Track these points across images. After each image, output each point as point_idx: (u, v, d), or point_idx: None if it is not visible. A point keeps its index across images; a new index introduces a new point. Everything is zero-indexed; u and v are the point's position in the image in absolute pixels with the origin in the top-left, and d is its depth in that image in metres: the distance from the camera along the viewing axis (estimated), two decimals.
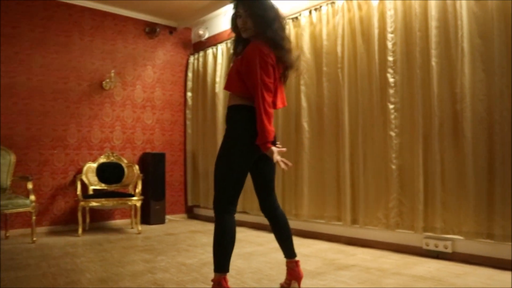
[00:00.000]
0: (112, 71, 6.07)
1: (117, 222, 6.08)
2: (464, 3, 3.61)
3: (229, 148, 2.51)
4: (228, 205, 2.47)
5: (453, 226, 3.67)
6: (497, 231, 3.41)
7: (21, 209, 4.63)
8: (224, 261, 2.45)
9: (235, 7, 2.59)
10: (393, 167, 4.04)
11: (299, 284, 2.78)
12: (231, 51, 2.79)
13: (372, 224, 4.25)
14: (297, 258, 2.79)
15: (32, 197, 4.69)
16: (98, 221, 5.89)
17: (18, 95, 5.37)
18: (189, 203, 6.78)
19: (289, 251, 2.77)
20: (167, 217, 6.42)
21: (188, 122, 6.85)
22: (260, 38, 2.50)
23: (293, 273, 2.77)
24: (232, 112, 2.60)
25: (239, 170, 2.49)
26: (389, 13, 4.13)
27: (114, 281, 3.09)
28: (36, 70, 5.53)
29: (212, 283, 2.46)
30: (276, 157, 2.38)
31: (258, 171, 2.69)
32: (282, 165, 2.38)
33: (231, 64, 2.66)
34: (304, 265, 3.44)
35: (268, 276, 3.16)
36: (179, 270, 3.42)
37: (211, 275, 3.05)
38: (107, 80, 6.02)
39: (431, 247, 3.79)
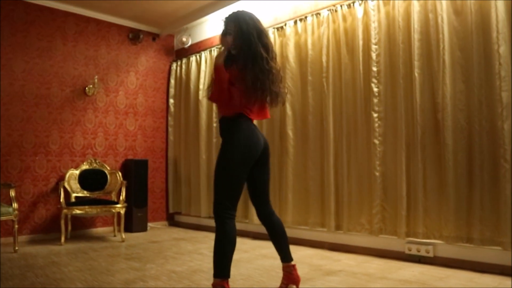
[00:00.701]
0: (96, 76, 6.04)
1: (99, 230, 6.03)
2: (445, 17, 3.77)
3: (228, 156, 2.57)
4: (228, 211, 2.52)
5: (434, 231, 3.81)
6: (476, 235, 3.56)
7: (3, 218, 4.55)
8: (225, 266, 2.49)
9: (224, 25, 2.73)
10: (377, 174, 4.17)
11: (297, 287, 2.85)
12: (223, 61, 2.80)
13: (356, 230, 4.36)
14: (293, 262, 2.85)
15: (15, 205, 4.62)
16: (79, 229, 5.82)
17: None
18: (171, 210, 6.77)
19: (286, 255, 2.84)
20: (149, 224, 6.40)
21: (170, 129, 6.85)
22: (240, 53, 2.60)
23: (291, 277, 2.84)
24: (226, 122, 2.66)
25: (238, 176, 2.56)
26: (373, 25, 4.27)
27: None
28: (18, 75, 5.45)
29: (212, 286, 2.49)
30: None
31: (253, 179, 2.75)
32: None
33: (217, 75, 2.69)
34: None
35: (259, 282, 3.22)
36: (170, 277, 3.44)
37: (203, 282, 3.11)
38: (90, 86, 5.98)
39: (413, 252, 3.92)
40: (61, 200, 5.19)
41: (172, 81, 6.87)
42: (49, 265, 3.97)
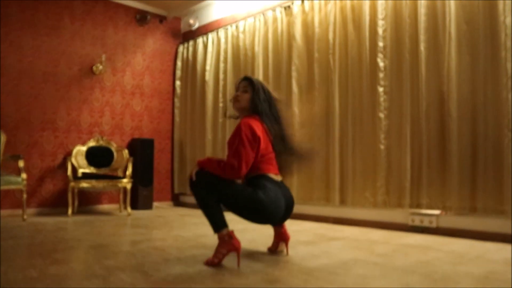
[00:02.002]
0: (103, 55, 6.10)
1: (105, 206, 6.09)
2: None
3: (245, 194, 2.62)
4: (200, 181, 2.61)
5: (438, 202, 3.86)
6: (480, 205, 3.61)
7: (12, 186, 4.62)
8: (218, 220, 2.58)
9: (236, 87, 2.89)
10: (382, 147, 4.22)
11: (286, 244, 2.94)
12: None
13: (360, 203, 4.41)
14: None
15: (24, 175, 4.69)
16: (86, 204, 5.89)
17: (8, 76, 5.36)
18: (176, 191, 6.83)
19: None
20: (154, 203, 6.47)
21: (176, 111, 6.91)
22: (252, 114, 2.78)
23: (280, 235, 2.94)
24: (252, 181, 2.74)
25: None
26: (380, 1, 4.31)
27: (114, 246, 3.16)
28: (26, 52, 5.52)
29: (218, 239, 2.56)
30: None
31: None
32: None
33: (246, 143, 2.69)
34: (297, 237, 3.58)
35: (263, 244, 3.27)
36: (176, 240, 3.50)
37: (210, 243, 3.17)
38: (98, 64, 6.04)
39: (417, 223, 3.97)
40: (69, 173, 5.26)
41: (179, 63, 6.93)
42: (58, 230, 4.04)
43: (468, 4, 3.76)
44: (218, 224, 2.58)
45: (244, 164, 2.56)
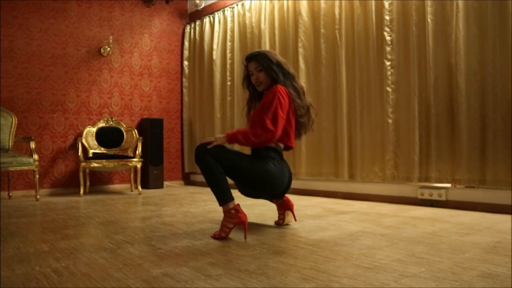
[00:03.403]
0: (110, 37, 6.11)
1: (116, 186, 6.18)
2: None
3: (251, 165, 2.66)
4: (208, 151, 2.60)
5: (447, 174, 3.84)
6: (489, 177, 3.58)
7: (25, 167, 4.70)
8: (224, 193, 2.58)
9: (245, 68, 2.89)
10: (390, 121, 4.19)
11: (292, 211, 3.00)
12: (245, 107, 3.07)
13: (369, 178, 4.40)
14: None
15: (36, 156, 4.77)
16: (97, 184, 5.98)
17: (18, 59, 5.40)
18: (186, 170, 6.89)
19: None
20: (165, 183, 6.54)
21: (184, 90, 6.92)
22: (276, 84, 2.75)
23: (284, 204, 3.00)
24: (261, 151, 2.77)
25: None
26: None
27: (124, 222, 3.21)
28: (34, 35, 5.55)
29: (224, 212, 2.59)
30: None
31: None
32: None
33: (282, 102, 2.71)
34: (305, 211, 3.61)
35: (271, 218, 3.30)
36: (185, 215, 3.54)
37: (218, 217, 3.21)
38: (105, 46, 6.06)
39: (426, 196, 3.97)
40: (79, 154, 5.32)
41: (186, 43, 6.91)
42: (69, 208, 4.12)
43: None
44: (225, 197, 2.58)
45: (281, 129, 2.65)
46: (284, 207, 2.99)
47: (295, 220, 3.01)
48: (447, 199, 3.85)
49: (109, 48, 6.07)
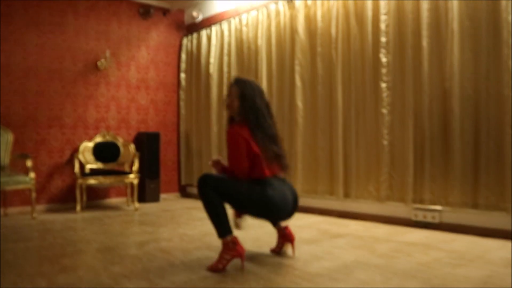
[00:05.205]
0: (107, 51, 6.13)
1: (113, 200, 6.19)
2: None
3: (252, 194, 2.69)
4: (211, 183, 2.67)
5: (441, 197, 3.89)
6: (482, 201, 3.64)
7: (21, 186, 4.71)
8: (223, 226, 2.64)
9: (228, 88, 2.93)
10: (385, 142, 4.23)
11: (292, 245, 3.00)
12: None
13: (364, 197, 4.45)
14: (284, 224, 3.05)
15: (32, 175, 4.78)
16: (94, 199, 6.00)
17: (14, 74, 5.41)
18: (182, 182, 6.91)
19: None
20: (161, 195, 6.56)
21: (181, 103, 6.94)
22: (241, 119, 2.80)
23: (285, 236, 3.02)
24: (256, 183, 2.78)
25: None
26: None
27: (121, 249, 3.24)
28: (31, 50, 5.56)
29: (222, 244, 2.63)
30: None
31: None
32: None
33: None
34: (300, 234, 3.64)
35: (268, 243, 3.33)
36: (182, 239, 3.57)
37: (214, 243, 3.23)
38: (102, 60, 6.07)
39: (420, 218, 4.01)
40: (76, 170, 5.34)
41: (183, 56, 6.94)
42: (66, 229, 4.13)
43: (471, 1, 3.72)
44: (224, 230, 2.64)
45: (243, 161, 2.70)
46: (286, 239, 3.02)
47: (293, 254, 2.99)
48: (441, 221, 3.89)
49: (106, 62, 6.08)
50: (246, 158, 2.71)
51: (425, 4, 3.97)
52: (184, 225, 4.25)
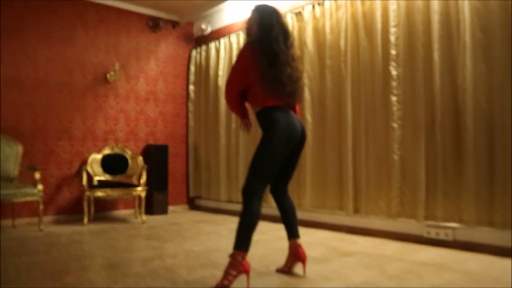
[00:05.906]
0: (117, 63, 6.14)
1: (121, 212, 6.16)
2: None
3: (267, 146, 2.65)
4: (256, 191, 2.61)
5: (454, 214, 3.78)
6: (497, 219, 3.51)
7: (29, 198, 4.70)
8: (245, 240, 2.56)
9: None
10: (395, 157, 4.14)
11: (304, 265, 2.91)
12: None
13: (374, 213, 4.35)
14: (299, 241, 2.94)
15: (40, 187, 4.77)
16: (102, 211, 5.97)
17: (24, 87, 5.43)
18: (191, 195, 6.87)
19: (293, 231, 2.95)
20: (170, 207, 6.52)
21: (190, 115, 6.92)
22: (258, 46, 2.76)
23: (297, 254, 2.91)
24: (262, 116, 2.76)
25: (273, 164, 2.66)
26: (392, 7, 4.22)
27: (126, 266, 3.18)
28: (41, 63, 5.58)
29: (230, 257, 2.56)
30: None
31: (283, 163, 2.84)
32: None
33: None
34: (309, 252, 3.53)
35: (275, 261, 3.25)
36: (188, 256, 3.51)
37: (220, 261, 3.17)
38: (111, 72, 6.08)
39: (432, 235, 3.89)
40: (84, 183, 5.32)
41: (192, 68, 6.93)
42: (72, 243, 4.09)
43: (484, 11, 3.63)
44: (243, 244, 2.56)
45: (234, 83, 2.79)
46: (297, 258, 2.92)
47: (304, 274, 2.90)
48: (455, 239, 3.77)
49: (115, 75, 6.09)
50: (238, 81, 2.77)
51: (435, 16, 3.89)
52: (190, 240, 4.19)
